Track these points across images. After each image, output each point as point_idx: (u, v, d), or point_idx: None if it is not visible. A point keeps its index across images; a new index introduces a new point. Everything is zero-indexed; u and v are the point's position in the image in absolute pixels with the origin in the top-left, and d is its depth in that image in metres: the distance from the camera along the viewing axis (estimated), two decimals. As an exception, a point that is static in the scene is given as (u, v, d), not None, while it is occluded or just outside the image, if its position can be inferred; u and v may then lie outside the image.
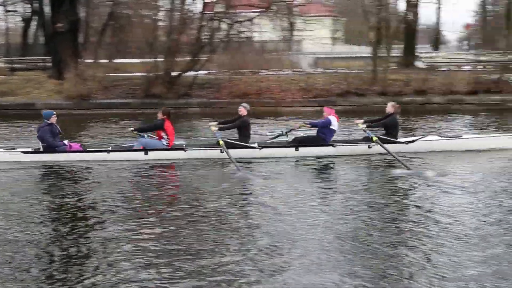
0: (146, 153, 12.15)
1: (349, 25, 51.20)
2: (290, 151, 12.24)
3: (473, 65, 28.45)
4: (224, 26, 25.75)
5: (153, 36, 25.97)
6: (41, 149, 12.19)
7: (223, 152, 11.57)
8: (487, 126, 17.75)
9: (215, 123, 12.66)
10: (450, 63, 29.69)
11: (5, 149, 12.53)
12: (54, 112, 12.42)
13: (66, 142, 12.45)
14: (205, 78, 25.67)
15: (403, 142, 12.35)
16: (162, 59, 24.68)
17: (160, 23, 27.68)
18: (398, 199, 8.98)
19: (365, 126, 12.43)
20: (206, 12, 25.65)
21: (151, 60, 25.06)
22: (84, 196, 9.23)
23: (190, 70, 24.76)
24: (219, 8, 26.13)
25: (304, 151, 12.23)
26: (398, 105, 12.96)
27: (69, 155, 12.19)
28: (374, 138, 11.91)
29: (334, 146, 12.22)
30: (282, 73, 27.93)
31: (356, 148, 12.31)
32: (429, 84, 23.79)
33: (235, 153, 11.44)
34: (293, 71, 28.89)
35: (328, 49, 35.75)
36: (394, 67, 28.03)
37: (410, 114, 20.55)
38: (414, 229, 7.31)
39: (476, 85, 23.54)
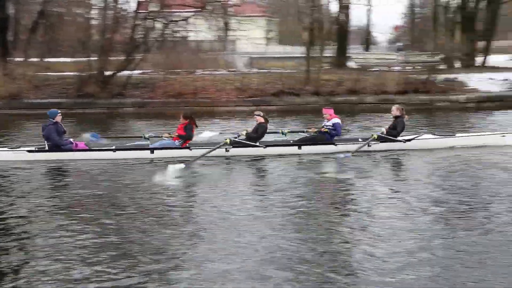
0: (152, 152, 12.16)
1: (282, 26, 51.78)
2: (293, 150, 12.50)
3: (402, 66, 29.31)
4: (158, 25, 25.47)
5: (86, 34, 25.41)
6: (47, 148, 12.07)
7: (228, 151, 12.00)
8: (418, 125, 18.25)
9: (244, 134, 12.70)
10: (381, 64, 30.45)
11: (9, 148, 12.45)
12: (59, 111, 12.35)
13: (71, 140, 12.38)
14: (140, 78, 25.31)
15: (401, 141, 12.79)
16: (95, 58, 24.19)
17: (93, 22, 27.12)
18: (337, 199, 9.11)
19: (376, 135, 12.63)
20: (140, 11, 25.30)
21: (84, 59, 24.51)
22: (96, 195, 9.13)
23: (124, 70, 24.37)
24: (153, 7, 25.82)
25: (306, 149, 12.49)
26: (402, 107, 13.28)
27: (74, 154, 12.11)
28: (374, 136, 12.48)
29: (336, 145, 12.53)
30: (218, 73, 27.91)
31: (355, 146, 12.44)
32: (361, 84, 24.29)
33: (241, 151, 12.07)
34: (228, 71, 28.92)
35: (263, 49, 36.00)
36: (327, 67, 28.50)
37: (343, 114, 20.86)
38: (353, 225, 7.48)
39: (406, 85, 24.19)
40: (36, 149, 12.22)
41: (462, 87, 24.88)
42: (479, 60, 32.52)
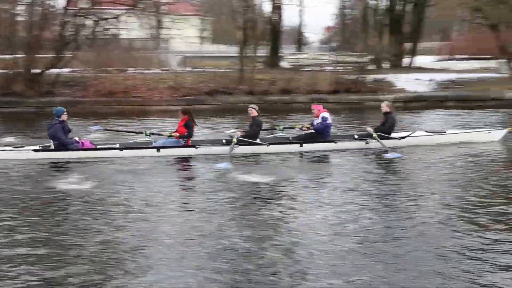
0: (158, 151, 12.24)
1: (216, 25, 51.71)
2: (295, 147, 12.82)
3: (334, 66, 29.85)
4: (89, 22, 24.88)
5: (12, 31, 24.48)
6: (52, 147, 11.98)
7: (233, 149, 12.14)
8: (347, 124, 18.62)
9: (235, 131, 13.21)
10: (313, 64, 30.89)
11: (14, 147, 12.32)
12: (65, 110, 12.23)
13: (77, 139, 12.29)
14: (70, 76, 24.70)
15: (396, 138, 13.26)
16: (22, 56, 23.38)
17: (20, 18, 26.15)
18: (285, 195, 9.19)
19: (376, 134, 12.97)
20: (69, 7, 24.62)
21: (10, 56, 23.64)
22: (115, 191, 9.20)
23: (53, 68, 23.69)
24: (83, 4, 25.20)
25: (308, 147, 12.82)
26: (391, 103, 13.73)
27: (81, 153, 12.02)
28: (374, 135, 12.82)
29: (335, 142, 12.97)
30: (150, 71, 27.58)
31: (354, 144, 13.07)
32: (294, 84, 24.56)
33: (245, 149, 12.35)
34: (161, 70, 28.62)
35: (196, 48, 35.83)
36: (261, 67, 28.69)
37: (277, 113, 21.12)
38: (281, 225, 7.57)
39: (337, 85, 24.65)
40: (40, 148, 12.15)
41: (390, 87, 25.58)
42: (406, 61, 33.58)
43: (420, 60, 34.83)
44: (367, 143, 12.94)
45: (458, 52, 41.58)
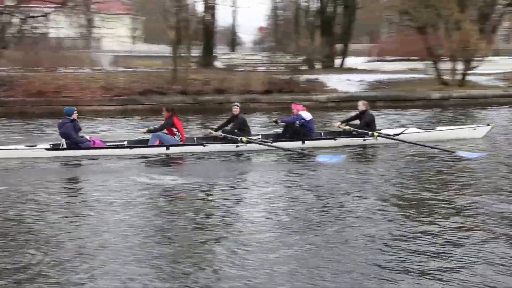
0: (167, 149, 12.66)
1: (148, 24, 51.24)
2: (297, 144, 13.16)
3: (267, 66, 30.23)
4: (16, 20, 24.24)
5: None
6: (64, 146, 12.28)
7: (238, 146, 12.79)
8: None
9: (214, 130, 13.38)
10: (247, 64, 31.17)
11: (26, 146, 12.59)
12: (75, 108, 12.62)
13: (87, 137, 12.66)
14: (-4, 75, 23.96)
15: (391, 135, 13.60)
16: None
17: None
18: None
19: (348, 127, 13.76)
20: (-5, 5, 23.96)
21: None
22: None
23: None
24: (10, 2, 24.53)
25: (309, 144, 13.31)
26: (366, 101, 14.36)
27: (92, 151, 12.34)
28: (376, 134, 13.40)
29: (335, 139, 13.57)
30: (81, 71, 27.11)
31: (353, 140, 13.63)
32: (227, 84, 24.71)
33: (253, 147, 12.76)
34: (93, 69, 28.20)
35: (129, 48, 35.46)
36: (194, 67, 28.72)
37: (211, 113, 21.27)
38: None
39: (271, 85, 24.98)
40: (51, 146, 12.44)
41: (322, 87, 26.14)
42: (337, 62, 34.43)
43: (351, 61, 35.79)
44: (364, 140, 13.53)
45: (387, 54, 42.93)
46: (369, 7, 34.67)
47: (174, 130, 12.92)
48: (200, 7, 33.81)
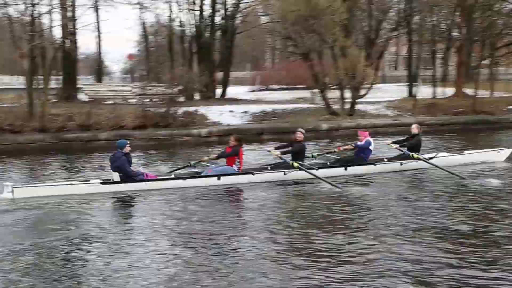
0: (218, 179, 13.58)
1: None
2: (340, 171, 14.52)
3: (139, 98, 29.25)
4: None
5: None
6: (117, 179, 12.95)
7: (286, 174, 13.96)
8: (159, 160, 18.22)
9: (273, 148, 14.70)
10: (116, 96, 30.20)
11: (80, 181, 13.25)
12: (128, 142, 13.36)
13: (141, 170, 13.51)
14: None
15: (426, 159, 15.09)
16: None
17: None
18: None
19: (397, 145, 15.46)
20: None
21: None
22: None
23: None
24: None
25: (352, 170, 14.60)
26: (420, 126, 15.91)
27: (147, 184, 13.08)
28: (415, 156, 14.86)
29: (375, 165, 14.90)
30: None
31: (391, 166, 15.16)
32: (94, 119, 23.62)
33: (301, 175, 13.80)
34: None
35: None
36: (54, 100, 27.41)
37: (77, 152, 20.24)
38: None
39: (144, 119, 24.13)
40: (102, 181, 13.10)
41: (203, 120, 25.66)
42: (218, 91, 34.27)
43: (234, 91, 35.79)
44: (401, 164, 15.02)
45: (273, 82, 43.41)
46: (249, 32, 35.06)
47: (236, 159, 13.88)
48: (58, 33, 32.42)
